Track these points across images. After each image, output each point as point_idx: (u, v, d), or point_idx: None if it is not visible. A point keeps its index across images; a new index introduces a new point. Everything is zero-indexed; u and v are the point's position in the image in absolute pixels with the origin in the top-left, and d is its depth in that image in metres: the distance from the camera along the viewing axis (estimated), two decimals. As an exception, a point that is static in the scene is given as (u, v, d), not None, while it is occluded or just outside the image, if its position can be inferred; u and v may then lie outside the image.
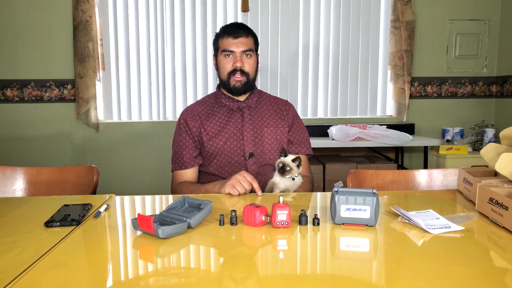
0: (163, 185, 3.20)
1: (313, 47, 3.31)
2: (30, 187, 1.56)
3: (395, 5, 3.21)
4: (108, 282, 0.74)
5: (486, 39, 3.37)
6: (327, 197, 1.27)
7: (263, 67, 3.25)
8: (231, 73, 1.54)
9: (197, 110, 1.62)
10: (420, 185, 1.54)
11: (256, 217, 0.98)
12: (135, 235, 0.95)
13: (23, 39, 3.11)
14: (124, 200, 1.28)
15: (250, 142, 1.56)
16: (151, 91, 3.25)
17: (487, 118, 3.42)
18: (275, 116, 1.63)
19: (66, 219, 1.02)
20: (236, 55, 1.54)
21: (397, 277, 0.75)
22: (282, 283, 0.72)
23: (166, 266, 0.81)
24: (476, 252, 0.85)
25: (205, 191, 1.41)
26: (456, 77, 3.40)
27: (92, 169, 1.54)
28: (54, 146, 3.21)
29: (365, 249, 0.88)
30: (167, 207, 1.07)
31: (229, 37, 1.54)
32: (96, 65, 3.09)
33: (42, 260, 0.81)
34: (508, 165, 1.08)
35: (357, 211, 0.96)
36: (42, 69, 3.15)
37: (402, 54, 3.22)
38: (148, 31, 3.20)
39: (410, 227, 0.98)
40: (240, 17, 3.24)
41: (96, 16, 3.07)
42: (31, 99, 3.17)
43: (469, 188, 1.23)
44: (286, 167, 1.40)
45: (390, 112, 3.42)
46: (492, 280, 0.72)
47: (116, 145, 3.25)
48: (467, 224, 1.01)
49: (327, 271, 0.79)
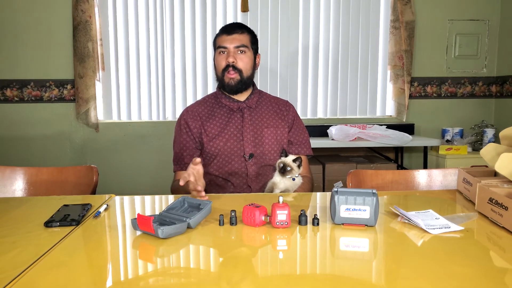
0: (162, 185, 3.20)
1: (312, 47, 3.31)
2: (30, 187, 1.56)
3: (394, 5, 3.21)
4: (108, 282, 0.74)
5: (485, 39, 3.37)
6: (327, 197, 1.28)
7: (263, 67, 3.25)
8: (224, 69, 1.55)
9: (197, 110, 1.62)
10: (419, 185, 1.54)
11: (256, 217, 0.98)
12: (135, 235, 0.95)
13: (23, 39, 3.11)
14: (123, 200, 1.28)
15: (250, 143, 1.56)
16: (151, 91, 3.25)
17: (487, 118, 3.43)
18: (275, 117, 1.63)
19: (66, 219, 1.03)
20: (230, 51, 1.54)
21: (397, 277, 0.75)
22: (281, 283, 0.72)
23: (166, 266, 0.81)
24: (475, 252, 0.85)
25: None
26: (455, 77, 3.40)
27: (91, 169, 1.54)
28: (54, 146, 3.21)
29: (365, 249, 0.88)
30: (167, 207, 1.07)
31: (223, 34, 1.56)
32: (96, 65, 3.09)
33: (42, 260, 0.81)
34: (507, 165, 1.08)
35: (356, 211, 0.96)
36: (42, 69, 3.15)
37: (401, 54, 3.22)
38: (148, 31, 3.20)
39: (409, 227, 0.98)
40: (240, 17, 3.24)
41: (95, 16, 3.08)
42: (31, 99, 3.17)
43: (468, 188, 1.23)
44: (287, 167, 1.40)
45: (389, 112, 3.42)
46: (492, 280, 0.72)
47: (115, 145, 3.25)
48: (467, 224, 1.01)
49: (327, 271, 0.79)
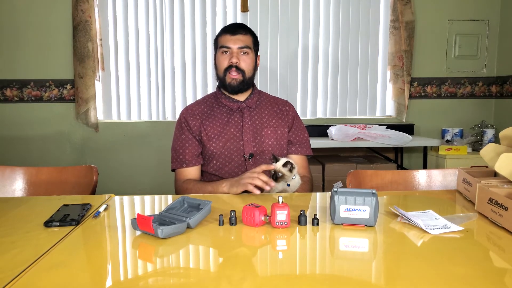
0: (162, 185, 3.20)
1: (312, 47, 3.31)
2: (30, 187, 1.56)
3: (394, 5, 3.21)
4: (108, 282, 0.74)
5: (485, 39, 3.38)
6: (327, 197, 1.27)
7: (263, 67, 3.25)
8: (227, 69, 1.55)
9: (197, 109, 1.62)
10: (419, 186, 1.54)
11: (256, 217, 0.98)
12: (135, 235, 0.95)
13: (23, 39, 3.11)
14: (123, 200, 1.28)
15: (250, 143, 1.56)
16: (151, 91, 3.25)
17: (487, 119, 3.43)
18: (275, 117, 1.63)
19: (66, 219, 1.02)
20: (233, 52, 1.54)
21: (397, 277, 0.75)
22: (281, 283, 0.72)
23: (166, 266, 0.81)
24: (475, 253, 0.85)
25: (211, 190, 1.40)
26: (455, 77, 3.40)
27: (91, 169, 1.54)
28: (53, 146, 3.21)
29: (365, 250, 0.88)
30: (167, 207, 1.07)
31: (227, 34, 1.56)
32: (96, 65, 3.09)
33: (41, 260, 0.81)
34: (507, 165, 1.08)
35: (356, 211, 0.96)
36: (41, 69, 3.15)
37: (401, 54, 3.22)
38: (148, 31, 3.20)
39: (409, 227, 0.98)
40: (240, 17, 3.24)
41: (95, 16, 3.08)
42: (30, 99, 3.17)
43: (468, 188, 1.23)
44: (278, 174, 1.34)
45: (389, 112, 3.42)
46: (492, 280, 0.72)
47: (115, 145, 3.25)
48: (467, 224, 1.01)
49: (327, 271, 0.79)
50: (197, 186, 1.48)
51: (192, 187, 1.48)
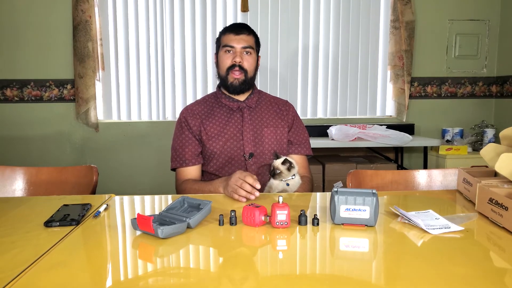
0: (162, 185, 3.20)
1: (312, 47, 3.31)
2: (30, 187, 1.56)
3: (394, 5, 3.21)
4: (108, 282, 0.74)
5: (486, 39, 3.37)
6: (327, 197, 1.27)
7: (263, 67, 3.25)
8: (229, 68, 1.55)
9: (197, 109, 1.62)
10: (419, 185, 1.54)
11: (256, 217, 0.98)
12: (135, 235, 0.95)
13: (23, 39, 3.11)
14: (123, 200, 1.28)
15: (250, 142, 1.56)
16: (151, 91, 3.25)
17: (487, 118, 3.43)
18: (275, 116, 1.63)
19: (66, 219, 1.02)
20: (236, 51, 1.55)
21: (397, 277, 0.75)
22: (281, 283, 0.72)
23: (166, 266, 0.81)
24: (475, 253, 0.85)
25: (209, 191, 1.40)
26: (456, 77, 3.40)
27: (91, 169, 1.54)
28: (53, 146, 3.21)
29: (365, 249, 0.88)
30: (167, 207, 1.07)
31: (231, 33, 1.56)
32: (96, 65, 3.09)
33: (42, 260, 0.81)
34: (508, 165, 1.08)
35: (356, 211, 0.96)
36: (41, 69, 3.15)
37: (401, 54, 3.22)
38: (148, 31, 3.20)
39: (409, 227, 0.98)
40: (240, 17, 3.24)
41: (95, 16, 3.07)
42: (30, 99, 3.17)
43: (469, 188, 1.23)
44: (276, 170, 1.37)
45: (389, 112, 3.42)
46: (492, 280, 0.72)
47: (115, 145, 3.25)
48: (467, 224, 1.01)
49: (327, 271, 0.79)
50: (197, 185, 1.48)
51: (191, 187, 1.49)
